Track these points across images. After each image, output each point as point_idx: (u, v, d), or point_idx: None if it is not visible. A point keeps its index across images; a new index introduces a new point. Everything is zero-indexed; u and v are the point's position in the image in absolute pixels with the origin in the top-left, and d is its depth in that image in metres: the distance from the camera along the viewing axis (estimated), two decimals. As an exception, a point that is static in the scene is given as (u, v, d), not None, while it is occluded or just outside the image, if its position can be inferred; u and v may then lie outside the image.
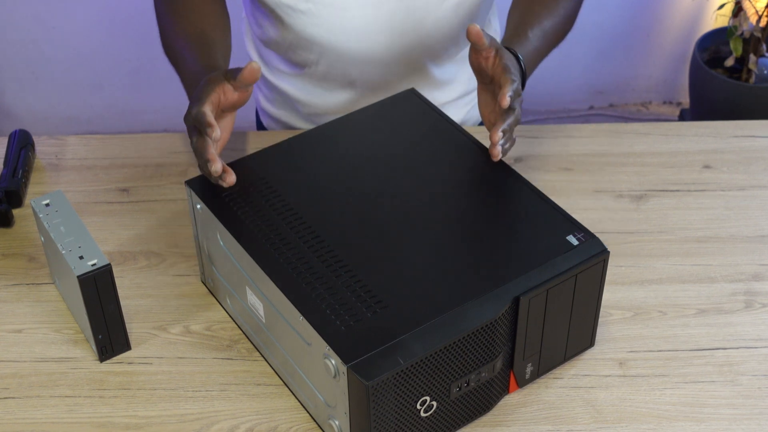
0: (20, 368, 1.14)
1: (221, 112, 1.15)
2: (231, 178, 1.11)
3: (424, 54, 1.41)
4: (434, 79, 1.46)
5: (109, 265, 1.07)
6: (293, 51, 1.42)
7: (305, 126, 1.53)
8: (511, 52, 1.21)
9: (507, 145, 1.15)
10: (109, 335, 1.13)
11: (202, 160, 1.10)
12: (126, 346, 1.15)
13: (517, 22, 1.29)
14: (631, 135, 1.46)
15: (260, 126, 1.65)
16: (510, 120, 1.14)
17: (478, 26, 1.14)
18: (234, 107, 1.16)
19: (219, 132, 1.08)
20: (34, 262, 1.28)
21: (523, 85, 1.21)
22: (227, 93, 1.13)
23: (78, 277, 1.06)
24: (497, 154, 1.13)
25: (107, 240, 1.30)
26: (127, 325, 1.16)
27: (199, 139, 1.11)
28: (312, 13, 1.34)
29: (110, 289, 1.09)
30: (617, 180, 1.38)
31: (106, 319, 1.11)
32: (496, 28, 1.56)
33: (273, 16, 1.38)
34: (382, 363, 0.94)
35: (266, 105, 1.57)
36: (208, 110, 1.10)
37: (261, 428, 1.07)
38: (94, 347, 1.14)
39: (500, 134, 1.13)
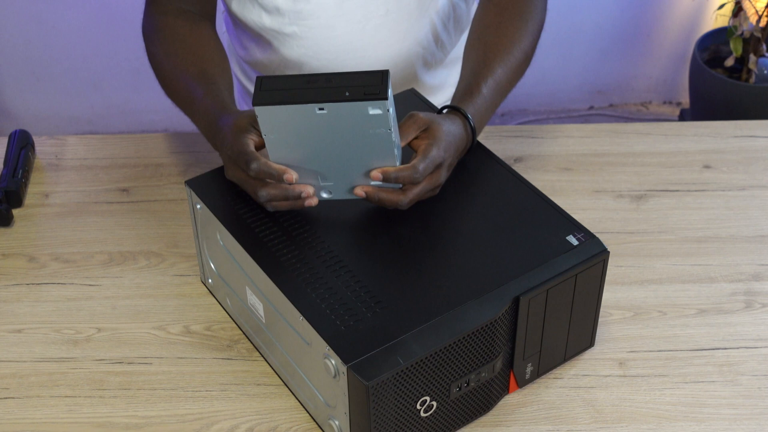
0: (20, 368, 1.14)
1: None
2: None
3: (413, 63, 1.41)
4: (425, 85, 1.46)
5: None
6: (281, 72, 1.41)
7: None
8: (460, 111, 1.15)
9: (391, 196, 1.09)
10: None
11: (292, 195, 1.07)
12: None
13: (470, 75, 1.22)
14: (631, 135, 1.46)
15: None
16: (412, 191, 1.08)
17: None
18: None
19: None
20: (34, 262, 1.28)
21: (473, 141, 1.16)
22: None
23: None
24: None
25: (107, 240, 1.30)
26: (127, 325, 1.16)
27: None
28: (298, 36, 1.34)
29: None
30: (617, 180, 1.38)
31: None
32: None
33: (259, 39, 1.38)
34: (382, 363, 0.94)
35: None
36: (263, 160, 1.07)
37: (261, 428, 1.07)
38: None
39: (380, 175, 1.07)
